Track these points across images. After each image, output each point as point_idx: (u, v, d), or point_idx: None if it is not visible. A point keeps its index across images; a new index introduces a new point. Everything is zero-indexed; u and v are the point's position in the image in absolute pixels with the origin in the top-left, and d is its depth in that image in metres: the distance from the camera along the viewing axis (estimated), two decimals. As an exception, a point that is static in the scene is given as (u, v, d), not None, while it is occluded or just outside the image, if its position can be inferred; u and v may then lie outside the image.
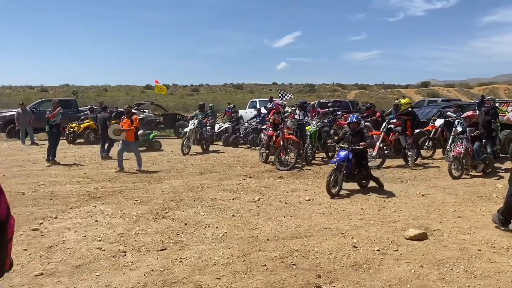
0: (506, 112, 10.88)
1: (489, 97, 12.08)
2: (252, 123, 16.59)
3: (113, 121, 18.57)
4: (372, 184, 8.00)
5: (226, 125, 16.97)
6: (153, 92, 75.35)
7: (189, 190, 8.07)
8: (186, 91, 77.07)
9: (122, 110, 19.95)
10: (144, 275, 4.16)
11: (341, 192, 7.65)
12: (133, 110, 17.38)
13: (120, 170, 10.09)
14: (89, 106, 20.23)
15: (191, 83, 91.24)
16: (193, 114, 14.99)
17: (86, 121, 17.56)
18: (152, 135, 14.86)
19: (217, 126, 17.24)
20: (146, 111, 21.98)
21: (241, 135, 16.00)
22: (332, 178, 7.44)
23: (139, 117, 12.16)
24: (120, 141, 10.53)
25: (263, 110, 17.07)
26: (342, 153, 7.69)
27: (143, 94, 68.44)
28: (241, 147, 15.36)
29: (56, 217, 6.22)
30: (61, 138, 12.80)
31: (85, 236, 5.37)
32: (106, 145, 12.72)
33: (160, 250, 4.83)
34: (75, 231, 5.56)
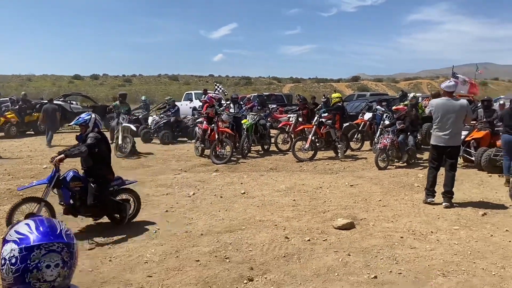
0: (422, 109, 11.70)
1: (412, 94, 12.90)
2: (165, 117, 15.08)
3: (38, 113, 17.50)
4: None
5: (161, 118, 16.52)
6: (82, 82, 71.80)
7: (121, 185, 7.79)
8: (117, 82, 74.14)
9: (46, 101, 18.83)
10: (71, 276, 3.97)
11: (275, 185, 7.81)
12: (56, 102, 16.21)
13: None
14: (8, 98, 18.83)
15: (122, 73, 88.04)
16: (114, 105, 12.91)
17: (7, 113, 16.30)
18: None
19: (150, 119, 16.63)
20: (74, 102, 20.90)
21: (152, 130, 14.52)
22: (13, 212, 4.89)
23: None
24: None
25: (184, 103, 16.53)
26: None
27: (71, 84, 65.00)
28: (154, 143, 14.16)
29: (-29, 219, 5.73)
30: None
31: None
32: (50, 133, 13.35)
33: (88, 250, 4.65)
34: (-7, 233, 5.17)
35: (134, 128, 12.23)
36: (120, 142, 11.17)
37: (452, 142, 6.39)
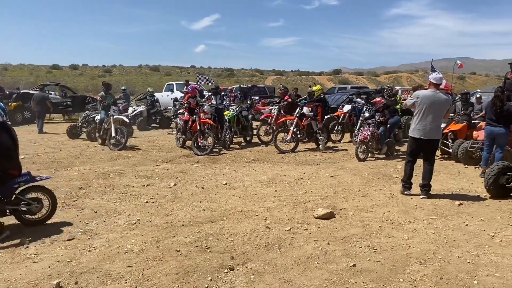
0: (401, 101, 11.83)
1: (389, 85, 13.08)
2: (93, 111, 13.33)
3: (14, 103, 17.11)
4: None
5: (140, 108, 16.38)
6: (60, 72, 70.43)
7: (100, 177, 7.70)
8: (97, 72, 72.94)
9: (25, 91, 18.46)
10: (49, 266, 3.92)
11: (257, 176, 7.84)
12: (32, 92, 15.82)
13: None
14: None
15: (102, 63, 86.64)
16: (101, 97, 12.01)
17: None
18: None
19: (130, 109, 16.45)
20: (52, 93, 20.50)
21: (79, 124, 13.15)
22: None
23: None
24: None
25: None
26: None
27: (50, 74, 63.66)
28: (82, 138, 12.87)
29: None
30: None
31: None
32: (40, 121, 14.42)
33: (67, 240, 4.58)
34: (-32, 224, 5.05)
35: (127, 120, 12.00)
36: (113, 134, 10.87)
37: (434, 135, 6.43)
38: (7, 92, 17.52)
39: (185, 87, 16.64)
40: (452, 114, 10.33)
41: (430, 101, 6.31)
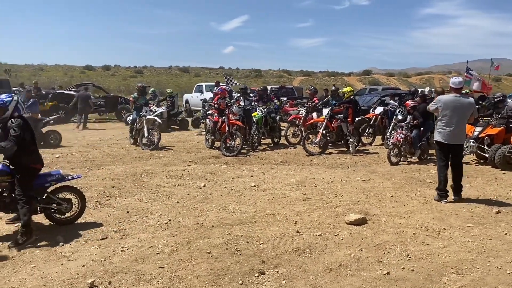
0: None
1: (428, 89, 12.75)
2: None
3: (50, 103, 17.66)
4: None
5: (161, 110, 16.55)
6: (93, 73, 72.21)
7: (132, 176, 7.83)
8: (129, 73, 74.39)
9: (61, 91, 19.01)
10: (84, 265, 4.01)
11: (286, 179, 7.79)
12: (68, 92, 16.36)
13: None
14: (21, 88, 19.04)
15: (134, 64, 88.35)
16: (133, 97, 12.25)
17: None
18: None
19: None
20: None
21: None
22: None
23: None
24: None
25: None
26: None
27: (83, 74, 65.42)
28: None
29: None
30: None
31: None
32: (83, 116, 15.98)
33: (101, 239, 4.68)
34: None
35: (159, 121, 12.24)
36: (146, 134, 11.06)
37: (457, 140, 6.35)
38: (44, 92, 18.08)
39: (216, 88, 16.73)
40: (489, 118, 9.99)
41: (453, 106, 6.27)
